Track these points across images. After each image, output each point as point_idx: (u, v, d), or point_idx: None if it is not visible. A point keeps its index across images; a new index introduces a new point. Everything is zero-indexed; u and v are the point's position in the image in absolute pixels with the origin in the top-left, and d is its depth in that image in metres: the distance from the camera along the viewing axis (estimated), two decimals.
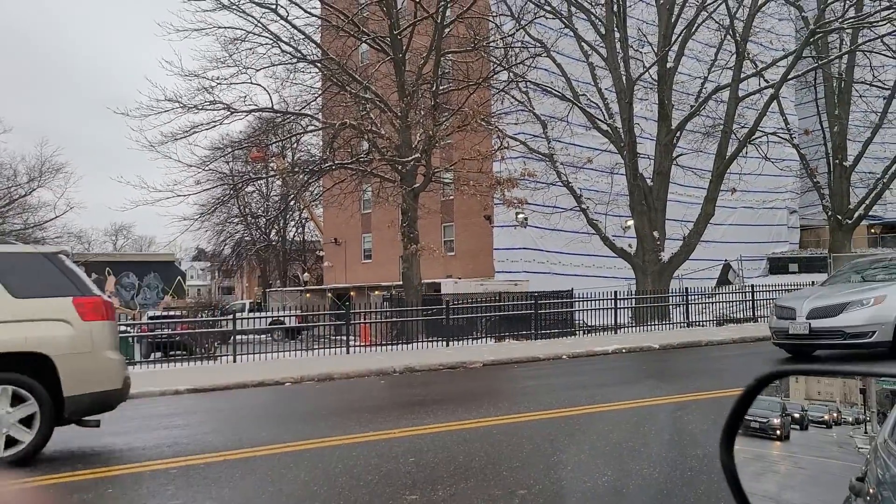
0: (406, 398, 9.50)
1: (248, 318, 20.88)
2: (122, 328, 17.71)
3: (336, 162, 22.86)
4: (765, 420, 1.73)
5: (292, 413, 9.01)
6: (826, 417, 1.71)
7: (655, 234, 21.70)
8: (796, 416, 1.75)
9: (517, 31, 22.51)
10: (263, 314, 23.66)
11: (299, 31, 21.20)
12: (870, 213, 27.80)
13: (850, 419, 1.71)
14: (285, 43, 20.76)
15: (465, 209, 31.05)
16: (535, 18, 22.80)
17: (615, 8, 21.88)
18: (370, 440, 6.47)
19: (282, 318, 21.29)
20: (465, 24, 21.58)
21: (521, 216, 25.27)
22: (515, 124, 24.38)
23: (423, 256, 21.49)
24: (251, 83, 21.21)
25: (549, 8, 22.56)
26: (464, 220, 32.63)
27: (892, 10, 21.12)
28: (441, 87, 22.15)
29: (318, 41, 22.81)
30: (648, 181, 22.06)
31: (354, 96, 21.26)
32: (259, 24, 20.29)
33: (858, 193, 26.36)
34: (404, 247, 21.02)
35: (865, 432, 1.68)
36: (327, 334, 18.50)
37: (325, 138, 24.73)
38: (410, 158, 20.31)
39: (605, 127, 22.60)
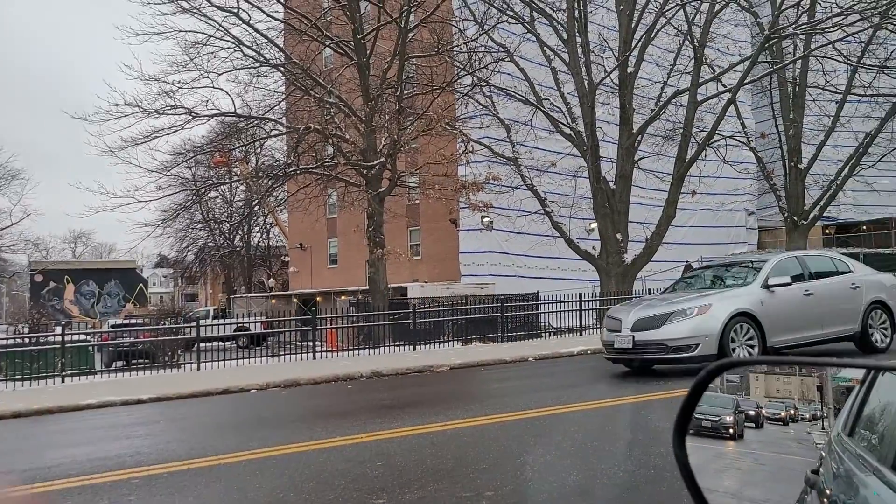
0: (374, 403, 9.48)
1: (212, 325, 20.59)
2: (83, 337, 17.36)
3: (301, 166, 22.71)
4: (717, 419, 1.76)
5: (258, 420, 8.92)
6: (783, 414, 1.75)
7: (618, 236, 21.97)
8: (751, 413, 1.78)
9: (480, 35, 22.63)
10: (228, 321, 23.35)
11: (262, 35, 21.05)
12: (824, 215, 28.46)
13: (807, 415, 1.76)
14: (248, 47, 20.61)
15: (430, 213, 31.08)
16: (498, 23, 22.95)
17: (576, 14, 22.12)
18: (338, 445, 6.44)
19: (247, 325, 21.05)
20: (429, 28, 21.64)
21: (486, 220, 25.36)
22: (480, 128, 24.50)
23: (389, 261, 21.45)
24: (213, 87, 20.99)
25: (511, 13, 22.72)
26: (430, 224, 32.65)
27: (842, 17, 21.70)
28: (405, 92, 22.17)
29: (281, 45, 22.66)
30: (611, 184, 22.33)
31: (318, 100, 21.16)
32: (221, 28, 20.11)
33: (813, 195, 26.97)
34: (370, 251, 20.97)
35: (822, 428, 1.73)
36: (293, 340, 18.35)
37: (289, 143, 24.57)
38: (375, 163, 20.28)
39: (568, 131, 22.82)
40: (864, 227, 40.38)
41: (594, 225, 23.46)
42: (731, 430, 1.79)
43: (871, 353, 10.87)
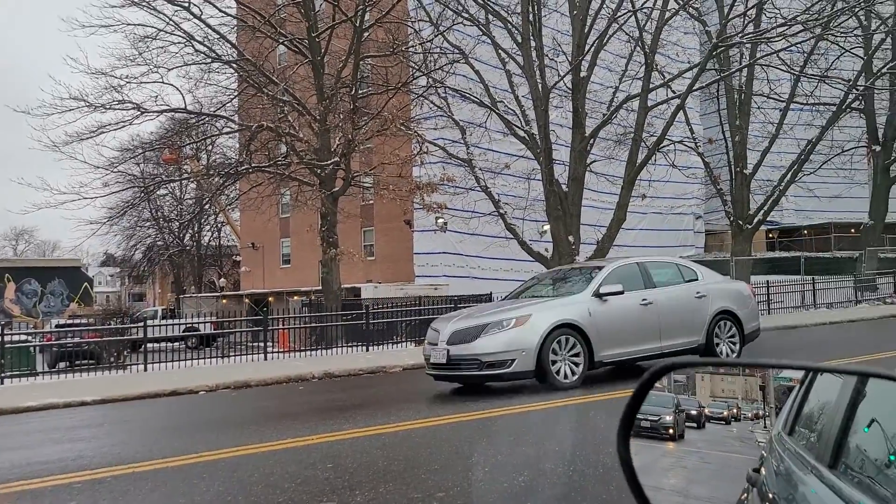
0: (325, 404, 9.40)
1: (160, 326, 20.17)
2: (24, 337, 16.81)
3: (253, 165, 22.40)
4: (657, 418, 1.79)
5: (207, 422, 8.77)
6: (725, 413, 1.80)
7: (570, 238, 22.23)
8: (693, 413, 1.82)
9: (436, 36, 22.66)
10: (177, 321, 22.86)
11: (214, 30, 20.69)
12: (768, 219, 29.33)
13: (750, 414, 1.81)
14: (199, 42, 20.24)
15: (385, 214, 30.98)
16: (454, 25, 23.02)
17: (531, 17, 22.32)
18: (288, 447, 6.37)
19: (196, 325, 20.67)
20: (385, 28, 21.58)
21: (440, 221, 25.42)
22: (435, 129, 24.53)
23: (342, 261, 21.31)
24: (163, 83, 20.55)
25: (466, 15, 22.81)
26: (384, 225, 32.54)
27: (786, 27, 22.41)
28: (360, 91, 22.06)
29: (234, 41, 22.32)
30: (564, 187, 22.59)
31: (272, 98, 20.91)
32: (171, 23, 19.71)
33: (758, 200, 27.76)
34: (324, 251, 20.80)
35: (764, 427, 1.78)
36: (244, 341, 18.09)
37: (241, 141, 24.21)
38: (329, 162, 20.12)
39: (522, 133, 23.01)
40: (806, 232, 41.75)
41: (547, 227, 23.71)
42: (670, 431, 1.80)
43: None
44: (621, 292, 9.54)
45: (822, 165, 28.41)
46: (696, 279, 10.74)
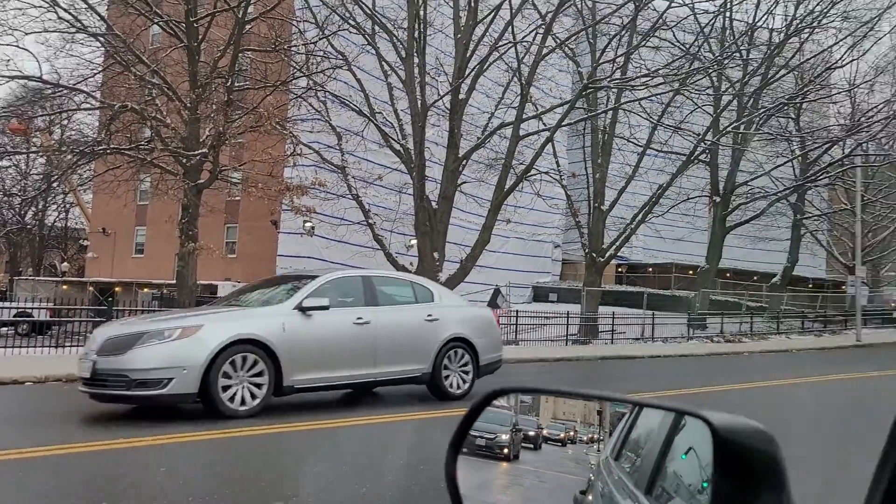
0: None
1: None
2: None
3: (112, 146, 21.08)
4: (493, 437, 1.90)
5: (34, 415, 8.17)
6: (562, 435, 1.94)
7: (436, 254, 22.62)
8: (531, 434, 1.95)
9: (320, 39, 22.45)
10: (7, 304, 21.03)
11: None
12: (619, 254, 31.17)
13: (585, 438, 1.96)
14: (63, 10, 18.84)
15: (251, 211, 30.10)
16: (339, 30, 22.88)
17: (416, 34, 22.65)
18: (119, 447, 6.09)
19: (30, 311, 19.12)
20: (268, 24, 21.09)
21: (308, 224, 25.04)
22: (311, 132, 24.21)
23: (201, 256, 20.47)
24: (18, 47, 18.95)
25: (353, 23, 22.77)
26: (248, 223, 31.61)
27: (649, 78, 24.14)
28: (237, 84, 21.40)
29: (104, 14, 21.00)
30: (434, 204, 22.96)
31: (140, 79, 19.81)
32: None
33: (611, 235, 29.41)
34: (181, 244, 19.89)
35: (597, 450, 1.94)
36: (85, 331, 16.93)
37: (101, 119, 22.71)
38: (197, 153, 19.33)
39: (397, 147, 23.21)
40: (650, 269, 44.78)
41: (414, 241, 23.99)
42: (505, 450, 1.86)
43: (444, 401, 9.17)
44: (327, 307, 8.34)
45: (669, 209, 30.60)
46: (432, 301, 9.79)
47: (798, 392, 12.36)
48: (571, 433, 1.86)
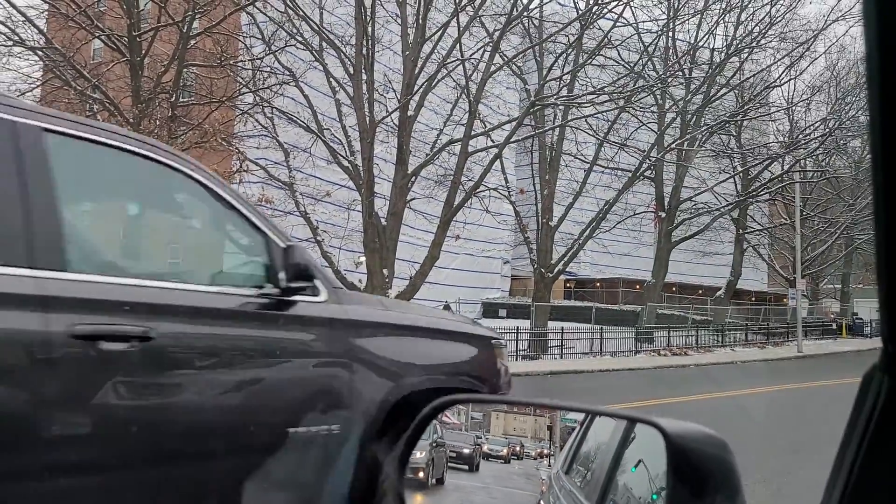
0: None
1: None
2: None
3: None
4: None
5: None
6: (504, 452, 1.88)
7: (385, 271, 22.47)
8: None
9: (267, 55, 22.23)
10: None
11: (19, 11, 18.77)
12: (567, 270, 31.49)
13: (533, 453, 1.91)
14: (0, 23, 18.28)
15: None
16: (286, 46, 22.72)
17: (364, 51, 22.62)
18: None
19: None
20: (214, 39, 20.79)
21: None
22: (258, 148, 23.89)
23: None
24: None
25: (300, 38, 22.64)
26: None
27: (595, 95, 24.60)
28: (182, 100, 21.00)
29: (43, 27, 20.40)
30: (383, 220, 22.86)
31: (81, 94, 19.30)
32: None
33: (559, 251, 29.67)
34: None
35: (549, 465, 1.90)
36: None
37: None
38: None
39: (346, 163, 23.07)
40: (598, 284, 45.45)
41: (363, 258, 23.81)
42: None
43: None
44: None
45: (616, 225, 31.09)
46: None
47: (745, 402, 12.60)
48: (517, 448, 1.81)
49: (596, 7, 24.17)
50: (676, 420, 1.14)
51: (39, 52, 19.92)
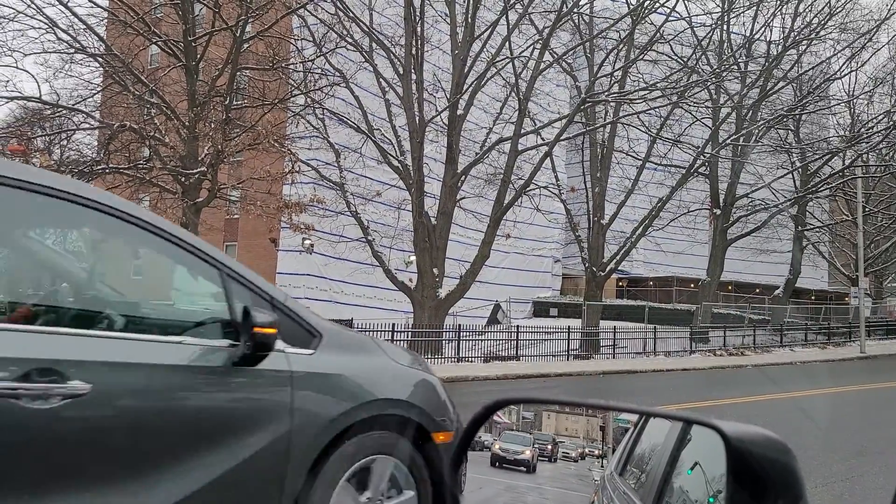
0: None
1: None
2: None
3: (111, 166, 21.11)
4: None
5: None
6: (573, 454, 1.87)
7: (435, 270, 22.55)
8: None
9: (318, 57, 22.54)
10: None
11: (81, 20, 19.45)
12: (619, 268, 31.10)
13: (595, 453, 1.89)
14: (62, 30, 18.94)
15: (249, 229, 30.11)
16: (337, 48, 22.99)
17: (414, 51, 22.73)
18: None
19: None
20: (266, 42, 21.18)
21: (307, 242, 25.02)
22: (309, 150, 24.26)
23: None
24: (17, 68, 19.05)
25: (350, 40, 22.87)
26: (248, 241, 31.59)
27: (647, 91, 24.21)
28: (235, 103, 21.46)
29: (102, 35, 21.09)
30: (433, 220, 22.94)
31: (138, 98, 19.89)
32: (33, 5, 18.35)
33: (611, 249, 29.36)
34: None
35: (602, 466, 1.88)
36: None
37: (100, 139, 22.79)
38: (195, 171, 19.33)
39: (396, 163, 23.23)
40: (651, 283, 44.72)
41: (413, 258, 23.94)
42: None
43: None
44: None
45: (669, 223, 30.57)
46: None
47: (806, 403, 12.24)
48: (582, 451, 1.82)
49: (648, 2, 23.81)
50: (735, 422, 1.11)
51: (100, 59, 20.59)
